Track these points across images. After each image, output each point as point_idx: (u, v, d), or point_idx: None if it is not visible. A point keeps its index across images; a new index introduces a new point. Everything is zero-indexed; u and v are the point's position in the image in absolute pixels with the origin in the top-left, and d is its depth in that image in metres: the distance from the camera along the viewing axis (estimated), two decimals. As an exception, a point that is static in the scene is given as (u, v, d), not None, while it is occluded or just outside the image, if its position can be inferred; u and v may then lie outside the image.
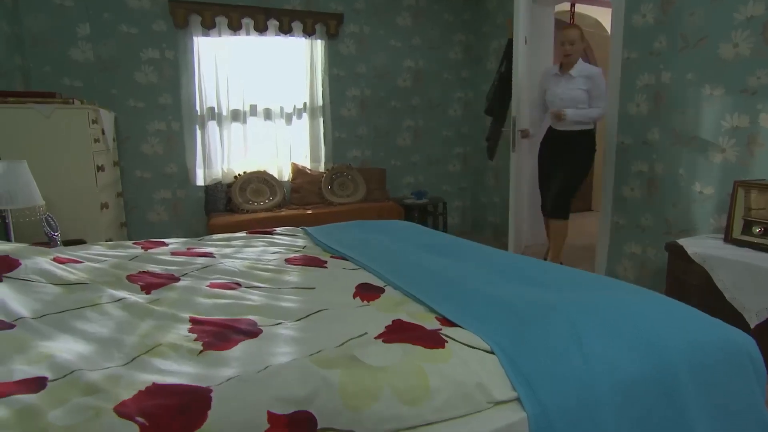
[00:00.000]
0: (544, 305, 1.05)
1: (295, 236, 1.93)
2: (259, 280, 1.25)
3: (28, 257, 1.22)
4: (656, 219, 2.98)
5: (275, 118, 4.01)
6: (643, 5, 2.95)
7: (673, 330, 1.00)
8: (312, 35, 3.97)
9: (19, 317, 0.95)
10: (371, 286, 1.24)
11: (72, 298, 1.05)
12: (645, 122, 3.01)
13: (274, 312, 1.03)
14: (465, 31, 4.61)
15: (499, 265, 1.41)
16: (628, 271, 3.20)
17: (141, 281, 1.19)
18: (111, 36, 3.47)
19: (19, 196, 2.02)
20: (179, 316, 0.99)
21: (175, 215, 3.85)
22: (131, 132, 3.64)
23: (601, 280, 1.33)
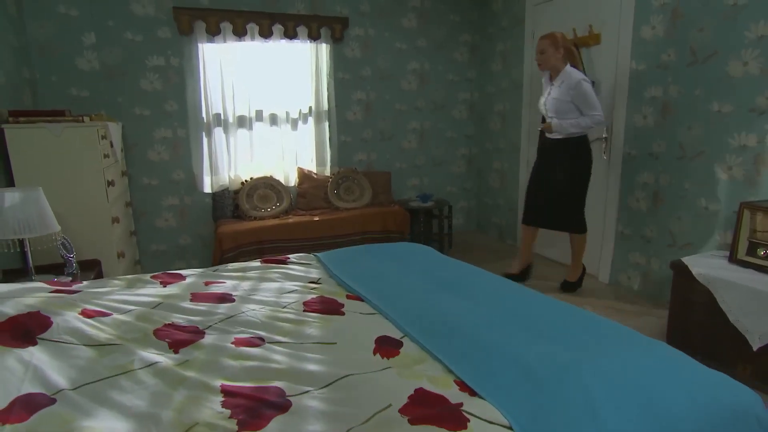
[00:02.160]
0: (558, 366, 1.10)
1: (309, 266, 1.96)
2: (281, 333, 1.29)
3: (58, 313, 1.26)
4: (661, 231, 3.01)
5: (281, 124, 4.02)
6: (653, 17, 2.93)
7: (683, 394, 1.04)
8: (317, 39, 3.95)
9: (59, 390, 0.99)
10: (390, 339, 1.28)
11: (105, 363, 1.09)
12: (652, 134, 3.02)
13: (300, 377, 1.07)
14: (471, 32, 4.58)
15: (513, 310, 1.45)
16: (632, 280, 3.25)
17: (168, 337, 1.24)
18: (116, 44, 3.46)
19: (36, 224, 2.05)
20: (210, 385, 1.03)
21: (182, 222, 3.89)
22: (138, 140, 3.65)
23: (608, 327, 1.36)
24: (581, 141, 3.06)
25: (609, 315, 2.90)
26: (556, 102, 3.00)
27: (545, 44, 3.00)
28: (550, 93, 3.08)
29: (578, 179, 3.11)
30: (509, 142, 4.39)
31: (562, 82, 2.97)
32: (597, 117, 2.94)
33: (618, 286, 3.35)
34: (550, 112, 3.07)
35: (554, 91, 3.03)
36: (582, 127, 2.98)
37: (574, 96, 2.93)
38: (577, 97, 2.92)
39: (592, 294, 3.27)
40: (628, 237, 3.26)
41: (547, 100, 3.09)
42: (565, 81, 2.96)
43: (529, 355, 1.16)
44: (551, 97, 3.04)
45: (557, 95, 2.99)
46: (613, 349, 1.20)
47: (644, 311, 2.96)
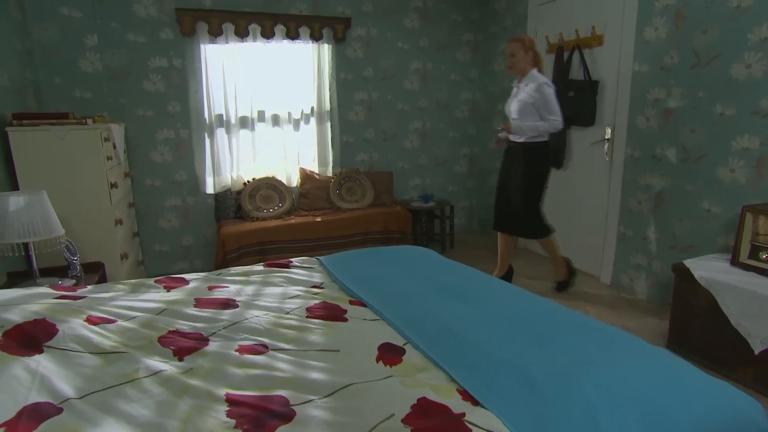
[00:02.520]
0: (560, 376, 1.11)
1: (311, 269, 1.97)
2: (284, 340, 1.30)
3: (64, 320, 1.27)
4: (663, 232, 3.02)
5: (283, 124, 4.02)
6: (655, 18, 2.93)
7: (684, 404, 1.05)
8: (319, 40, 3.95)
9: (65, 399, 1.00)
10: (392, 346, 1.29)
11: (111, 372, 1.10)
12: (654, 136, 3.02)
13: (304, 386, 1.08)
14: (473, 31, 4.57)
15: (515, 316, 1.46)
16: (634, 281, 3.25)
17: (173, 344, 1.25)
18: (119, 45, 3.47)
19: (40, 228, 2.06)
20: (215, 394, 1.04)
21: (185, 222, 3.90)
22: (141, 140, 3.66)
23: (611, 334, 1.37)
24: (540, 146, 3.08)
25: (610, 316, 2.92)
26: (520, 104, 3.03)
27: (515, 47, 3.02)
28: (515, 95, 3.11)
29: (532, 185, 3.11)
30: (511, 142, 4.38)
31: (527, 85, 3.01)
32: (556, 122, 2.99)
33: (619, 287, 3.36)
34: (513, 114, 3.10)
35: (520, 93, 3.06)
36: (540, 131, 3.02)
37: (536, 99, 2.96)
38: (539, 101, 2.96)
39: (594, 295, 3.27)
40: (629, 238, 3.26)
41: (512, 102, 3.13)
42: (529, 84, 2.99)
43: (532, 364, 1.17)
44: (516, 99, 3.08)
45: (522, 98, 3.02)
46: (615, 358, 1.20)
47: (646, 313, 2.97)
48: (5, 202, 2.01)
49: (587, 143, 3.54)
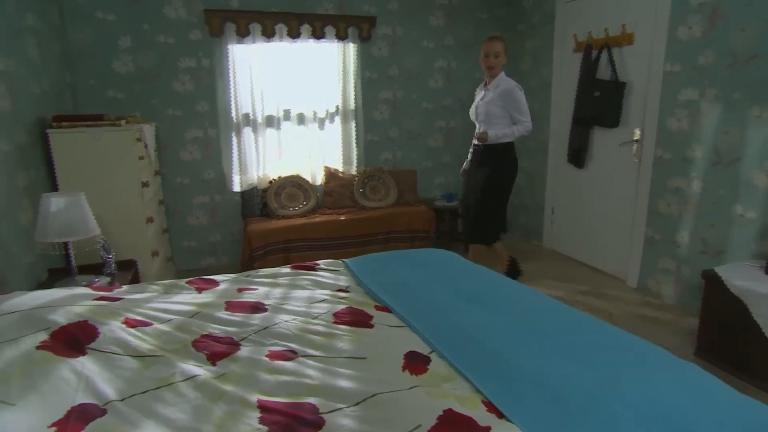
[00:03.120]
0: (587, 391, 1.11)
1: (337, 272, 2.01)
2: (312, 346, 1.34)
3: (104, 322, 1.33)
4: (693, 237, 2.95)
5: (308, 123, 4.07)
6: (690, 16, 2.85)
7: (713, 424, 1.04)
8: (345, 39, 3.97)
9: (108, 401, 1.06)
10: (418, 355, 1.31)
11: (148, 375, 1.16)
12: (685, 138, 2.95)
13: (333, 393, 1.12)
14: (499, 29, 4.51)
15: (541, 326, 1.46)
16: (661, 285, 3.20)
17: (206, 349, 1.30)
18: (150, 47, 3.56)
19: (79, 228, 2.14)
20: (247, 400, 1.08)
21: (213, 219, 3.99)
22: (171, 140, 3.75)
23: (639, 347, 1.36)
24: (507, 148, 3.09)
25: (637, 321, 2.88)
26: (489, 106, 3.02)
27: (500, 47, 3.01)
28: (483, 98, 3.09)
29: (498, 188, 3.12)
30: (537, 141, 4.34)
31: (497, 87, 3.01)
32: (528, 125, 3.03)
33: (646, 291, 3.30)
34: (481, 116, 3.09)
35: (488, 95, 3.05)
36: (515, 136, 3.05)
37: (508, 101, 2.98)
38: (512, 103, 2.99)
39: (620, 299, 3.23)
40: (657, 242, 3.20)
41: (479, 105, 3.11)
42: (500, 86, 3.01)
43: (558, 377, 1.18)
44: (485, 101, 3.06)
45: (491, 99, 3.03)
46: (643, 373, 1.20)
47: (673, 319, 2.92)
48: (47, 203, 2.10)
49: (613, 144, 3.47)
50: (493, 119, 3.04)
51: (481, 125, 3.12)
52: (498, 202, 3.18)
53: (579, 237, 3.94)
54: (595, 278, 3.61)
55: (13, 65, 2.37)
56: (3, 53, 2.25)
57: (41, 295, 1.50)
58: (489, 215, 3.18)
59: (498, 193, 3.15)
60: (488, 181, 3.10)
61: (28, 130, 2.49)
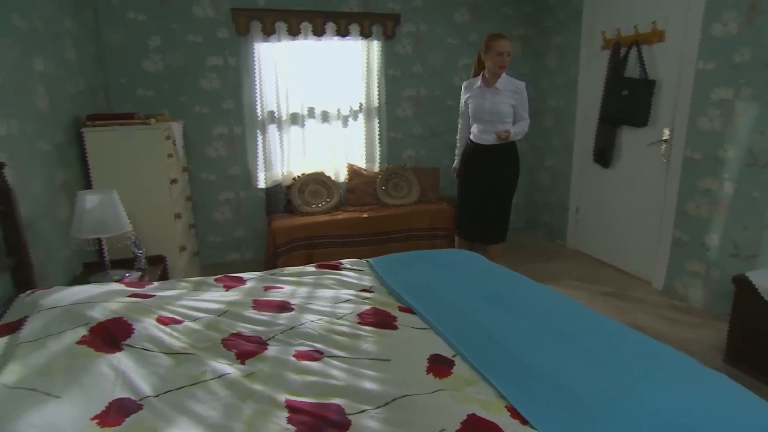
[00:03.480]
0: (609, 397, 1.12)
1: (361, 272, 2.03)
2: (338, 346, 1.37)
3: (138, 320, 1.39)
4: (723, 240, 2.88)
5: (332, 120, 4.10)
6: (725, 12, 2.76)
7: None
8: (369, 37, 3.98)
9: (144, 396, 1.11)
10: (442, 358, 1.33)
11: (181, 372, 1.20)
12: (717, 138, 2.87)
13: (358, 395, 1.14)
14: (525, 25, 4.46)
15: (566, 330, 1.46)
16: (689, 288, 3.14)
17: (235, 348, 1.34)
18: (179, 46, 3.63)
19: (112, 225, 2.22)
20: (276, 400, 1.12)
21: (238, 215, 4.07)
22: (198, 136, 3.83)
23: (665, 354, 1.35)
24: (515, 146, 3.16)
25: (663, 325, 2.83)
26: (499, 105, 3.02)
27: (510, 47, 2.97)
28: (487, 96, 3.06)
29: (516, 185, 3.21)
30: (562, 139, 4.29)
31: (507, 85, 3.02)
32: (529, 122, 3.13)
33: (673, 293, 3.24)
34: (487, 116, 3.05)
35: (496, 94, 3.03)
36: (524, 133, 3.14)
37: (520, 100, 3.04)
38: (522, 102, 3.05)
39: (645, 301, 3.18)
40: (685, 244, 3.13)
41: (485, 103, 3.05)
42: (508, 85, 3.03)
43: (581, 383, 1.18)
44: (492, 100, 3.03)
45: (501, 98, 3.02)
46: (667, 381, 1.19)
47: (700, 322, 2.86)
48: (83, 200, 2.18)
49: (640, 143, 3.41)
50: (504, 118, 3.05)
51: (484, 124, 3.10)
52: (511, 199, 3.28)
53: (604, 237, 3.89)
54: (619, 279, 3.56)
55: (53, 67, 2.46)
56: (43, 56, 2.34)
57: (79, 291, 1.57)
58: (509, 213, 3.27)
59: (514, 191, 3.25)
60: (512, 180, 3.19)
61: (65, 129, 2.58)
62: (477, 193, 3.20)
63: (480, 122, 3.12)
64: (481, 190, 3.19)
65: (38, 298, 1.50)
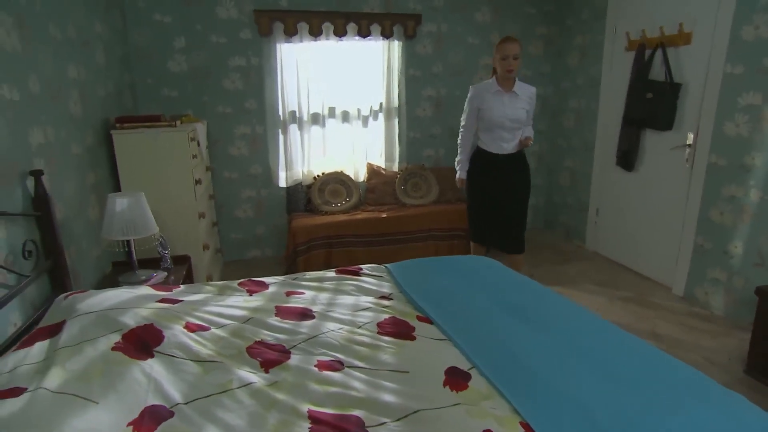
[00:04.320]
0: (626, 419, 1.14)
1: (380, 278, 2.07)
2: (358, 357, 1.41)
3: (168, 326, 1.45)
4: (747, 248, 2.84)
5: (352, 120, 4.13)
6: (757, 15, 2.70)
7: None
8: (390, 37, 3.99)
9: (175, 403, 1.17)
10: (459, 371, 1.36)
11: (209, 381, 1.26)
12: (744, 144, 2.82)
13: (377, 407, 1.18)
14: (547, 24, 4.41)
15: (582, 345, 1.47)
16: (710, 296, 3.10)
17: (259, 356, 1.39)
18: (203, 47, 3.69)
19: (139, 226, 2.30)
20: (299, 410, 1.17)
21: (259, 213, 4.14)
22: (220, 136, 3.91)
23: (683, 373, 1.35)
24: (525, 153, 3.12)
25: (682, 332, 2.82)
26: (519, 112, 2.94)
27: (518, 49, 2.84)
28: (507, 103, 2.92)
29: (529, 193, 3.15)
30: (583, 140, 4.24)
31: (523, 91, 2.95)
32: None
33: (693, 300, 3.21)
34: (515, 124, 2.94)
35: (514, 100, 2.92)
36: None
37: (532, 105, 3.00)
38: (533, 108, 3.02)
39: (666, 308, 3.16)
40: (707, 251, 3.09)
41: (506, 111, 2.91)
42: (526, 90, 2.97)
43: (597, 403, 1.20)
44: (513, 107, 2.92)
45: (520, 104, 2.94)
46: (685, 403, 1.20)
47: (721, 332, 2.83)
48: (113, 203, 2.26)
49: (663, 148, 3.36)
50: (522, 124, 2.99)
51: (505, 132, 2.96)
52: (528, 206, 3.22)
53: (624, 240, 3.85)
54: (639, 284, 3.53)
55: (84, 72, 2.54)
56: (76, 62, 2.42)
57: (111, 296, 1.64)
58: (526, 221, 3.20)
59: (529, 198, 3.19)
60: (528, 187, 3.13)
61: (96, 131, 2.67)
62: (496, 203, 3.07)
63: (501, 129, 2.96)
64: (500, 199, 3.06)
65: (74, 302, 1.58)
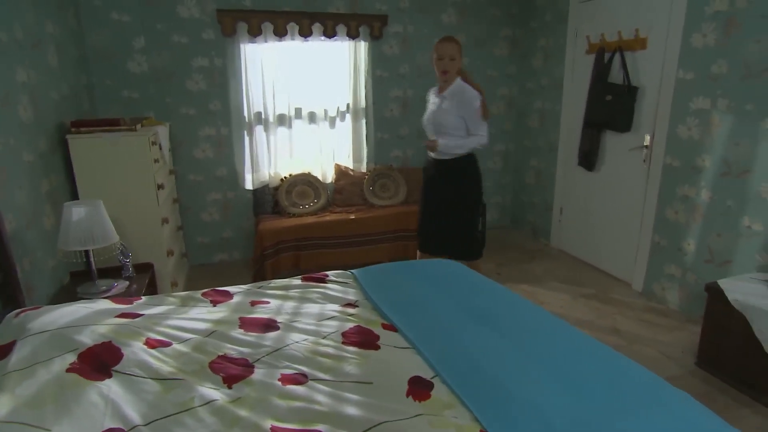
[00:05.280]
0: (582, 424, 1.18)
1: (346, 285, 2.08)
2: (321, 369, 1.41)
3: (127, 343, 1.42)
4: (699, 245, 2.97)
5: (319, 121, 4.10)
6: (705, 24, 2.82)
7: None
8: (356, 38, 3.97)
9: (134, 426, 1.14)
10: (421, 380, 1.38)
11: (170, 399, 1.24)
12: (695, 147, 2.95)
13: (341, 421, 1.19)
14: (512, 26, 4.48)
15: (546, 352, 1.51)
16: (666, 291, 3.23)
17: (222, 371, 1.38)
18: (164, 47, 3.60)
19: (98, 236, 2.23)
20: (261, 427, 1.16)
21: (225, 216, 4.08)
22: (184, 138, 3.82)
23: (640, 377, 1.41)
24: (469, 160, 2.89)
25: (640, 327, 2.93)
26: (445, 116, 2.77)
27: (455, 50, 2.72)
28: (439, 106, 2.82)
29: (466, 201, 2.91)
30: (547, 140, 4.34)
31: (454, 95, 2.76)
32: (483, 139, 2.82)
33: (651, 296, 3.34)
34: (435, 127, 2.83)
35: (444, 103, 2.79)
36: (468, 148, 2.84)
37: (467, 113, 2.75)
38: (470, 115, 2.76)
39: (625, 303, 3.28)
40: (663, 248, 3.22)
41: (434, 113, 2.84)
42: (457, 94, 2.76)
43: (556, 409, 1.24)
44: (440, 110, 2.80)
45: (448, 108, 2.77)
46: (638, 406, 1.25)
47: (676, 325, 2.96)
48: (69, 212, 2.18)
49: (623, 149, 3.47)
50: (448, 129, 2.79)
51: (429, 135, 2.92)
52: (471, 217, 2.97)
53: (586, 238, 3.97)
54: (601, 281, 3.65)
55: (35, 75, 2.43)
56: (25, 65, 2.32)
57: (67, 313, 1.59)
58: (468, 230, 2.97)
59: (469, 210, 2.95)
60: (463, 196, 2.92)
61: (49, 137, 2.57)
62: (428, 208, 3.00)
63: (427, 132, 2.92)
64: (431, 205, 2.98)
65: (26, 321, 1.52)
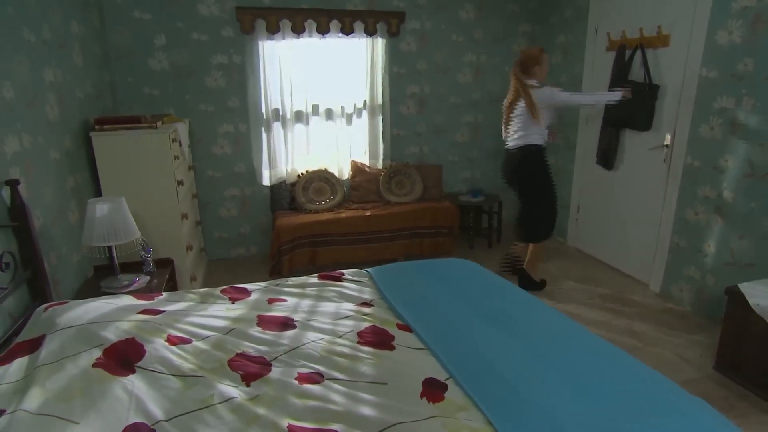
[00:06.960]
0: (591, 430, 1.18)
1: (362, 284, 2.10)
2: (338, 368, 1.44)
3: (149, 340, 1.47)
4: (720, 247, 2.92)
5: (336, 118, 4.12)
6: (731, 21, 2.75)
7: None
8: (373, 35, 3.97)
9: (156, 421, 1.19)
10: (436, 381, 1.40)
11: (190, 396, 1.28)
12: (718, 147, 2.89)
13: (356, 421, 1.22)
14: (531, 22, 4.43)
15: (560, 356, 1.51)
16: (684, 293, 3.19)
17: (241, 369, 1.42)
18: (184, 44, 3.65)
19: (120, 232, 2.28)
20: (279, 425, 1.19)
21: (243, 211, 4.14)
22: (203, 134, 3.88)
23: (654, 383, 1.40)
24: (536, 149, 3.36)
25: (657, 329, 2.90)
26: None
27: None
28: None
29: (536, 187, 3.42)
30: (565, 138, 4.30)
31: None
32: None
33: (669, 297, 3.30)
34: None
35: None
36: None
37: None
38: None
39: (642, 304, 3.24)
40: (683, 249, 3.17)
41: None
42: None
43: (568, 414, 1.24)
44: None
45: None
46: (652, 413, 1.25)
47: (695, 328, 2.93)
48: (93, 209, 2.24)
49: (642, 148, 3.42)
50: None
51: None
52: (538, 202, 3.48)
53: (604, 237, 3.93)
54: (617, 281, 3.62)
55: (61, 75, 2.50)
56: (52, 65, 2.38)
57: (91, 309, 1.64)
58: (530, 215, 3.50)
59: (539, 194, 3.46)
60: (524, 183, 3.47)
61: (74, 134, 2.63)
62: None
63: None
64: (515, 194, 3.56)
65: (54, 315, 1.58)
